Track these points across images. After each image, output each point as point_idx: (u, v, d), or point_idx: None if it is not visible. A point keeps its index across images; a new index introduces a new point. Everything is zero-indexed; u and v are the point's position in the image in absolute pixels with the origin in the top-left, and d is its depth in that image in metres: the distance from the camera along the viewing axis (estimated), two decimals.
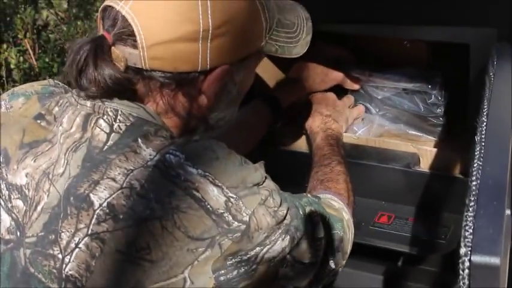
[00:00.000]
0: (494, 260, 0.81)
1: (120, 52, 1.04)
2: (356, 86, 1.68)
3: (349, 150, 1.65)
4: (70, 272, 0.96)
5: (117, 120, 1.03)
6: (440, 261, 1.74)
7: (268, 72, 1.73)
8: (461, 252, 0.84)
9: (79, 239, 0.96)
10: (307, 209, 1.11)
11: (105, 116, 1.03)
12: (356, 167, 1.61)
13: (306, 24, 1.24)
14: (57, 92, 1.15)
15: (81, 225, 0.97)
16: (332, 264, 1.17)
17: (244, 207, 0.99)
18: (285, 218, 1.04)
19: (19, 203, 1.05)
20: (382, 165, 1.60)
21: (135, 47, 1.03)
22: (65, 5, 4.07)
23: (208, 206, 0.96)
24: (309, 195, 1.19)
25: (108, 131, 1.02)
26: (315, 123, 1.56)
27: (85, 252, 0.96)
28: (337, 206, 1.23)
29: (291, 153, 1.72)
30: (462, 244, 0.84)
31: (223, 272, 0.98)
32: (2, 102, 1.16)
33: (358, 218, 1.61)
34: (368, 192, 1.65)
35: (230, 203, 0.98)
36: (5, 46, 3.84)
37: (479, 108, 1.09)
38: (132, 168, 0.97)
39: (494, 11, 1.34)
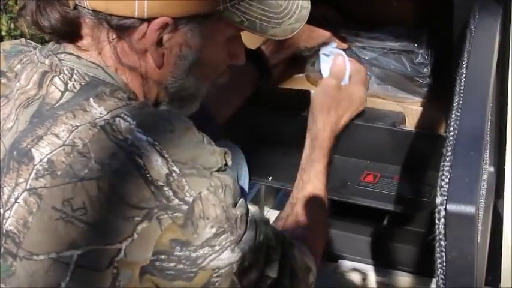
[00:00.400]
0: (470, 209, 0.82)
1: None
2: (344, 45, 1.65)
3: None
4: (9, 227, 0.95)
5: (72, 79, 1.02)
6: (425, 220, 1.75)
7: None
8: (437, 202, 0.84)
9: (18, 194, 0.95)
10: (273, 243, 1.07)
11: (61, 75, 1.02)
12: None
13: (299, 11, 1.15)
14: (26, 50, 1.14)
15: (21, 180, 0.96)
16: None
17: (188, 187, 0.94)
18: (237, 221, 0.98)
19: None
20: (367, 124, 1.59)
21: None
22: None
23: (148, 176, 0.93)
24: (285, 238, 1.13)
25: (62, 89, 1.01)
26: (326, 137, 1.44)
27: (23, 207, 0.94)
28: (306, 266, 1.17)
29: (278, 112, 1.71)
30: (438, 193, 0.85)
31: (163, 257, 0.94)
32: None
33: (344, 177, 1.62)
34: (354, 152, 1.66)
35: (172, 178, 0.94)
36: None
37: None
38: (77, 125, 0.96)
39: None
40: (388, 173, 1.61)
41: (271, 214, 2.14)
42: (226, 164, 1.01)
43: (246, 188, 1.59)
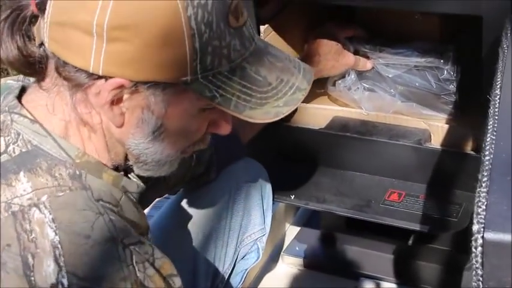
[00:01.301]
0: (508, 237, 0.79)
1: (39, 24, 0.98)
2: (368, 66, 1.63)
3: (358, 126, 1.63)
4: None
5: (16, 144, 0.97)
6: (451, 239, 1.72)
7: None
8: (473, 230, 0.81)
9: None
10: None
11: (8, 137, 0.98)
12: (366, 143, 1.60)
13: (292, 93, 1.02)
14: (15, 87, 1.07)
15: None
16: None
17: None
18: None
19: None
20: (392, 142, 1.58)
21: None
22: None
23: (32, 279, 0.86)
24: None
25: (2, 150, 0.97)
26: None
27: None
28: None
29: (301, 130, 1.70)
30: (475, 221, 0.82)
31: None
32: None
33: (368, 195, 1.60)
34: (378, 170, 1.64)
35: None
36: None
37: (492, 81, 1.05)
38: None
39: None
40: (414, 191, 1.60)
41: (291, 230, 2.12)
42: None
43: (270, 207, 1.57)
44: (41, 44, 0.97)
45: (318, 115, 1.67)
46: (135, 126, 0.99)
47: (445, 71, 1.54)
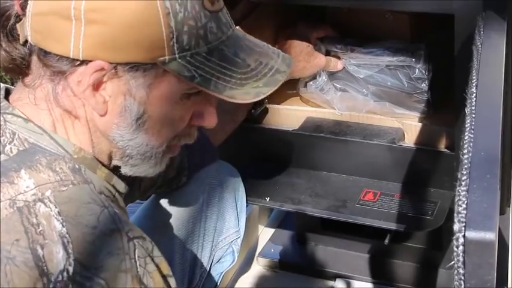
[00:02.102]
0: (490, 236, 0.79)
1: (23, 22, 1.00)
2: (340, 67, 1.62)
3: (332, 126, 1.63)
4: None
5: (12, 143, 0.98)
6: (426, 237, 1.73)
7: None
8: (455, 229, 0.81)
9: None
10: None
11: (3, 137, 0.98)
12: (340, 143, 1.60)
13: (272, 75, 1.05)
14: None
15: None
16: None
17: None
18: None
19: None
20: (366, 141, 1.58)
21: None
22: None
23: (45, 268, 0.87)
24: None
25: None
26: None
27: None
28: None
29: (275, 131, 1.69)
30: (456, 220, 0.81)
31: None
32: None
33: (344, 195, 1.60)
34: (353, 169, 1.64)
35: (61, 277, 0.87)
36: None
37: (466, 79, 1.05)
38: None
39: None
40: (389, 190, 1.60)
41: (265, 232, 2.11)
42: None
43: (244, 210, 1.56)
44: (25, 42, 1.00)
45: (291, 116, 1.67)
46: (118, 114, 1.00)
47: (417, 70, 1.54)
